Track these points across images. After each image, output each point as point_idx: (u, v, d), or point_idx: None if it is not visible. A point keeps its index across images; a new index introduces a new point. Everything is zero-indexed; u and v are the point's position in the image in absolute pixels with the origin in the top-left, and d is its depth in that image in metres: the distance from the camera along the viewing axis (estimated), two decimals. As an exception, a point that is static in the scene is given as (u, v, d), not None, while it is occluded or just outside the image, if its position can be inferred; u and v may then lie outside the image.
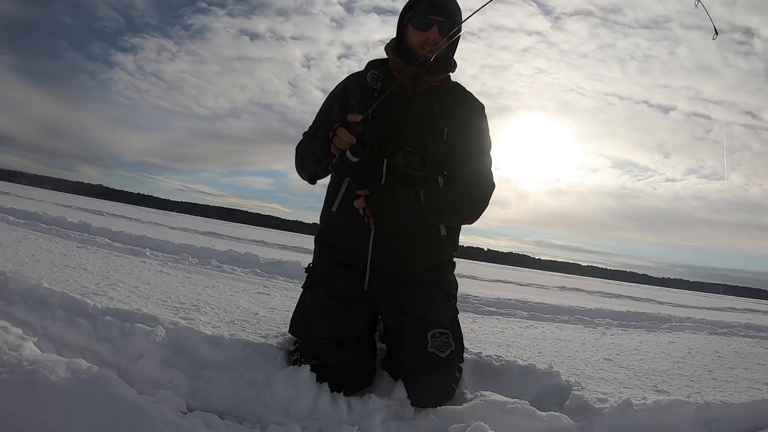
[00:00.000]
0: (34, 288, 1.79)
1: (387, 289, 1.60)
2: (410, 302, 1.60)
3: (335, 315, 1.58)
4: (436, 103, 1.61)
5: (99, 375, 1.16)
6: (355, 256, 1.59)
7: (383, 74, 1.62)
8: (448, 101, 1.63)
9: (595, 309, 5.14)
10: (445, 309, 1.64)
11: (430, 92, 1.63)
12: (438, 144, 1.57)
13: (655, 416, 1.49)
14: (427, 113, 1.59)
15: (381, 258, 1.57)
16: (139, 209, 25.93)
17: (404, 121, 1.57)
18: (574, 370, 2.25)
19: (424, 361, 1.56)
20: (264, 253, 6.43)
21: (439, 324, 1.60)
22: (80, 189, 74.56)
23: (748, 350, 3.68)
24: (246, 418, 1.32)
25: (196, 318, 2.04)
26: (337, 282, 1.62)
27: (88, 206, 13.81)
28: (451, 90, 1.68)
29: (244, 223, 49.54)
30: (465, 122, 1.63)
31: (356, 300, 1.60)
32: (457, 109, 1.64)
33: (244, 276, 4.13)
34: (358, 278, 1.59)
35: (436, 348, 1.57)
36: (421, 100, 1.60)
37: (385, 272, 1.59)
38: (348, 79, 1.71)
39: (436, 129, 1.58)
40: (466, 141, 1.62)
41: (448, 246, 1.67)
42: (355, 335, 1.59)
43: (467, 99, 1.70)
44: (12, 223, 5.16)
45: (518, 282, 10.36)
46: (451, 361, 1.60)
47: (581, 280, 20.99)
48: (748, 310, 10.03)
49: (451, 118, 1.61)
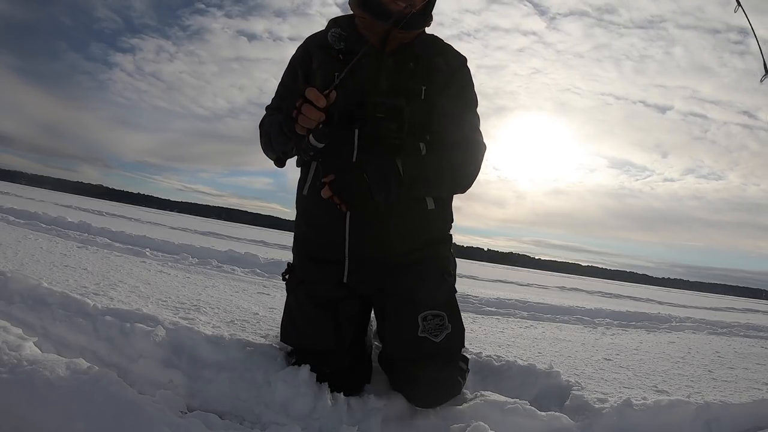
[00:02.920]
0: (34, 288, 1.79)
1: (370, 275, 1.43)
2: (396, 283, 1.43)
3: (322, 326, 1.45)
4: (409, 60, 1.42)
5: (99, 375, 1.16)
6: (331, 247, 1.43)
7: (346, 32, 1.44)
8: (423, 57, 1.44)
9: (595, 309, 5.14)
10: (439, 288, 1.45)
11: (403, 49, 1.44)
12: (415, 106, 1.39)
13: (655, 416, 1.49)
14: (400, 72, 1.41)
15: (360, 244, 1.40)
16: (138, 209, 25.93)
17: (374, 84, 1.39)
18: (574, 370, 2.25)
19: (416, 349, 1.39)
20: (264, 253, 6.42)
21: (431, 305, 1.41)
22: (80, 189, 74.58)
23: (748, 350, 3.68)
24: (246, 418, 1.32)
25: (196, 318, 2.04)
26: (316, 288, 1.47)
27: (88, 206, 13.80)
28: (426, 44, 1.48)
29: (243, 223, 49.57)
30: (445, 79, 1.44)
31: (340, 299, 1.45)
32: (435, 65, 1.44)
33: (244, 276, 4.13)
34: (338, 271, 1.43)
35: (428, 332, 1.39)
36: (392, 59, 1.42)
37: (366, 259, 1.42)
38: (309, 39, 1.52)
39: (411, 89, 1.40)
40: (447, 99, 1.44)
41: (438, 220, 1.50)
42: (347, 341, 1.46)
43: (447, 53, 1.49)
44: (12, 223, 5.16)
45: (518, 282, 10.36)
46: (448, 348, 1.42)
47: (581, 280, 20.99)
48: (748, 310, 10.03)
49: (429, 75, 1.43)
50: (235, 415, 1.32)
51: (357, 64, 1.29)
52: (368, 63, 1.38)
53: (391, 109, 1.37)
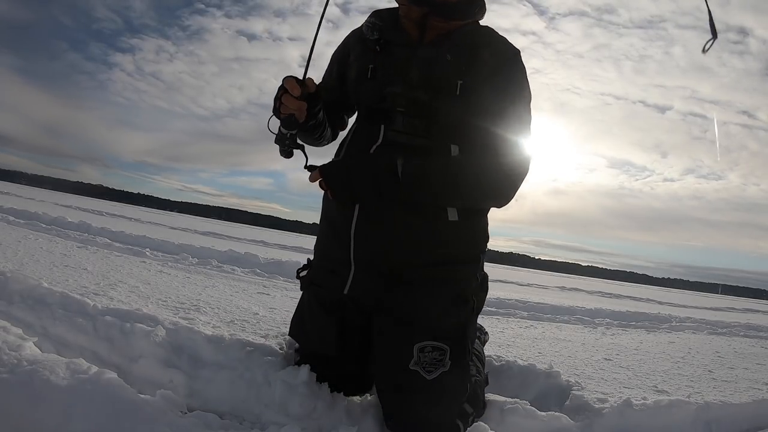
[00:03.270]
0: (34, 288, 1.79)
1: (371, 287, 1.27)
2: (397, 301, 1.24)
3: (326, 330, 1.34)
4: (448, 51, 1.24)
5: (99, 375, 1.16)
6: (338, 245, 1.29)
7: (382, 22, 1.30)
8: (465, 48, 1.25)
9: (595, 309, 5.14)
10: (447, 316, 1.23)
11: (442, 39, 1.27)
12: (447, 102, 1.22)
13: (655, 416, 1.49)
14: (435, 64, 1.24)
15: (365, 246, 1.25)
16: (138, 209, 25.93)
17: (403, 76, 1.25)
18: (574, 370, 2.25)
19: (401, 382, 1.21)
20: (264, 253, 6.43)
21: (433, 335, 1.20)
22: (80, 189, 74.61)
23: (748, 350, 3.68)
24: (246, 418, 1.32)
25: (196, 318, 2.04)
26: (321, 290, 1.37)
27: (88, 206, 13.80)
28: (471, 34, 1.28)
29: (243, 223, 49.56)
30: (488, 72, 1.24)
31: (345, 306, 1.32)
32: (478, 57, 1.24)
33: (244, 276, 4.13)
34: (342, 279, 1.29)
35: (421, 366, 1.18)
36: (428, 49, 1.26)
37: (369, 267, 1.26)
38: (351, 33, 1.42)
39: (445, 83, 1.23)
40: (488, 94, 1.23)
41: (462, 235, 1.27)
42: (350, 349, 1.34)
43: (494, 44, 1.28)
44: (12, 223, 5.16)
45: (518, 282, 10.36)
46: (440, 390, 1.19)
47: (581, 280, 20.97)
48: (748, 310, 10.03)
49: (470, 69, 1.23)
50: (235, 415, 1.32)
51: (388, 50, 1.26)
52: (403, 53, 1.27)
53: (413, 103, 1.23)
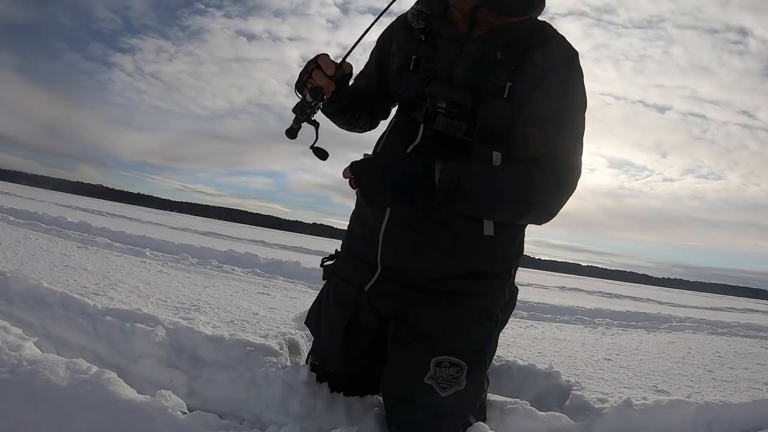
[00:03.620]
0: (34, 288, 1.79)
1: (393, 292, 1.22)
2: (418, 312, 1.19)
3: (334, 326, 1.30)
4: (498, 48, 1.14)
5: (99, 375, 1.16)
6: (367, 245, 1.24)
7: (429, 9, 1.19)
8: (517, 47, 1.14)
9: (595, 309, 5.15)
10: (469, 332, 1.18)
11: (493, 35, 1.16)
12: (492, 105, 1.12)
13: (655, 416, 1.49)
14: (483, 63, 1.14)
15: (392, 251, 1.20)
16: (138, 209, 25.94)
17: (448, 72, 1.16)
18: (574, 370, 2.25)
19: (413, 394, 1.17)
20: (264, 253, 6.43)
21: (452, 350, 1.15)
22: (80, 189, 74.64)
23: (748, 350, 3.68)
24: (246, 417, 1.32)
25: (196, 318, 2.04)
26: (341, 283, 1.32)
27: (88, 206, 13.81)
28: (525, 32, 1.16)
29: (243, 223, 49.59)
30: (540, 75, 1.12)
31: (360, 305, 1.27)
32: (530, 58, 1.13)
33: (244, 276, 4.13)
34: (365, 277, 1.24)
35: (437, 381, 1.14)
36: (477, 45, 1.15)
37: (397, 272, 1.21)
38: (397, 19, 1.32)
39: (491, 84, 1.12)
40: (538, 100, 1.12)
41: (495, 250, 1.19)
42: (354, 350, 1.30)
43: (550, 44, 1.16)
44: (12, 223, 5.16)
45: (518, 282, 10.34)
46: (452, 409, 1.18)
47: (581, 280, 20.98)
48: (748, 310, 10.04)
49: (521, 70, 1.12)
50: (235, 415, 1.32)
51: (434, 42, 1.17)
52: (449, 46, 1.17)
53: (456, 103, 1.12)
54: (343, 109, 1.30)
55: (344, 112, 1.32)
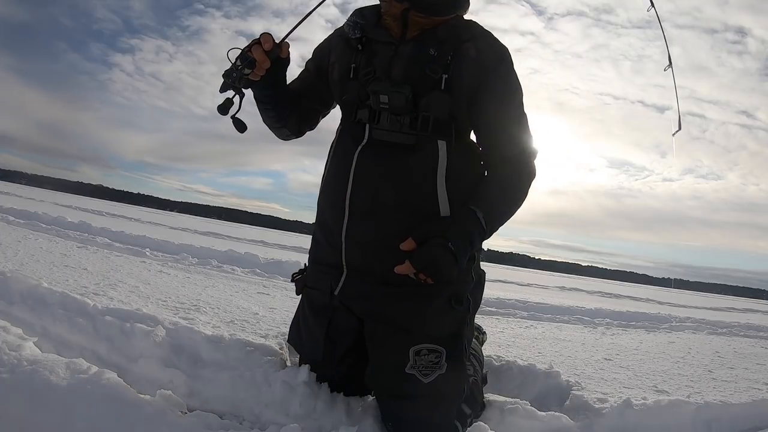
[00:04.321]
0: (34, 288, 1.79)
1: (363, 292, 1.26)
2: (390, 306, 1.23)
3: (314, 334, 1.34)
4: (431, 46, 1.22)
5: (99, 375, 1.16)
6: (330, 248, 1.29)
7: (363, 20, 1.27)
8: (449, 43, 1.22)
9: (595, 309, 5.14)
10: (442, 318, 1.23)
11: (425, 35, 1.24)
12: (432, 97, 1.20)
13: (655, 416, 1.49)
14: (418, 60, 1.21)
15: (357, 252, 1.24)
16: (138, 209, 25.94)
17: (386, 73, 1.23)
18: (574, 370, 2.25)
19: (399, 386, 1.20)
20: (264, 253, 6.43)
21: (429, 338, 1.20)
22: (80, 189, 74.70)
23: (748, 350, 3.68)
24: (245, 417, 1.32)
25: (196, 318, 2.04)
26: (313, 293, 1.36)
27: (88, 206, 13.81)
28: (455, 29, 1.25)
29: (243, 223, 49.61)
30: (475, 69, 1.21)
31: (334, 309, 1.31)
32: (463, 51, 1.21)
33: (244, 276, 4.13)
34: (333, 281, 1.29)
35: (418, 369, 1.18)
36: (410, 45, 1.23)
37: (361, 270, 1.25)
38: (334, 32, 1.39)
39: (428, 78, 1.20)
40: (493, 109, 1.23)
41: None
42: (338, 354, 1.34)
43: (480, 39, 1.25)
44: (12, 223, 5.16)
45: (518, 282, 10.36)
46: (438, 391, 1.19)
47: (581, 280, 20.98)
48: (748, 310, 10.03)
49: (455, 63, 1.20)
50: (234, 415, 1.32)
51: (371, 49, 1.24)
52: (385, 51, 1.25)
53: (397, 99, 1.19)
54: (274, 99, 1.32)
55: (275, 103, 1.34)
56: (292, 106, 1.38)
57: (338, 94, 1.34)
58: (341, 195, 1.24)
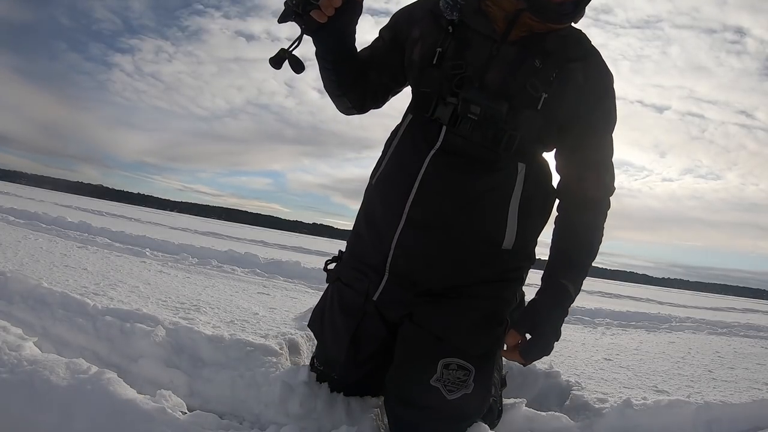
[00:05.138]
0: (34, 288, 1.79)
1: (402, 300, 1.17)
2: (427, 312, 1.15)
3: (339, 333, 1.26)
4: (537, 56, 1.08)
5: (99, 375, 1.16)
6: (376, 250, 1.17)
7: (464, 1, 1.10)
8: (556, 58, 1.09)
9: (595, 309, 5.14)
10: (477, 334, 1.14)
11: (532, 40, 1.09)
12: (527, 116, 1.08)
13: (655, 416, 1.49)
14: (520, 69, 1.08)
15: (405, 261, 1.15)
16: (138, 209, 25.95)
17: (480, 75, 1.09)
18: (574, 370, 2.25)
19: (418, 396, 1.12)
20: (264, 253, 6.43)
21: (461, 352, 1.12)
22: (80, 189, 74.69)
23: (748, 350, 3.68)
24: (246, 418, 1.32)
25: (196, 318, 2.04)
26: (347, 291, 1.26)
27: (88, 206, 13.81)
28: (565, 41, 1.11)
29: (243, 223, 49.61)
30: (578, 95, 1.10)
31: (366, 313, 1.22)
32: (569, 72, 1.09)
33: (244, 276, 4.13)
34: (372, 285, 1.19)
35: (443, 383, 1.10)
36: (513, 49, 1.09)
37: (407, 280, 1.16)
38: (420, 1, 1.20)
39: (528, 94, 1.07)
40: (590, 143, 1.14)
41: (511, 260, 1.19)
42: (360, 358, 1.26)
43: (589, 60, 1.13)
44: (12, 223, 5.16)
45: (518, 282, 10.34)
46: (459, 413, 1.13)
47: (581, 280, 20.92)
48: (748, 310, 10.03)
49: (558, 83, 1.08)
50: (235, 415, 1.32)
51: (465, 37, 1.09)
52: (483, 46, 1.09)
53: (488, 112, 1.06)
54: (338, 58, 1.15)
55: (338, 63, 1.17)
56: (357, 74, 1.21)
57: (415, 80, 1.18)
58: (401, 200, 1.12)
